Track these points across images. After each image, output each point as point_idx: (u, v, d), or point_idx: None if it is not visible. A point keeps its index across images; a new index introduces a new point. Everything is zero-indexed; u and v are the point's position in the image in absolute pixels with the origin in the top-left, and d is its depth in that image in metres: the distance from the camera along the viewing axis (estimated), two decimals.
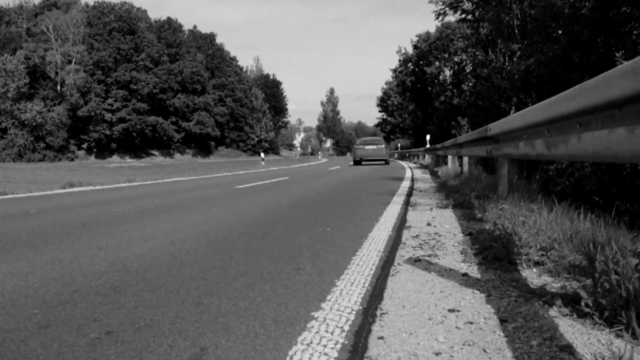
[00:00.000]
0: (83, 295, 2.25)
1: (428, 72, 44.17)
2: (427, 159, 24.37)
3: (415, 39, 47.62)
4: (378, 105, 74.19)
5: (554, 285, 2.27)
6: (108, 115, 64.43)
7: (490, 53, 24.72)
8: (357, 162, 23.80)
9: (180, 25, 76.36)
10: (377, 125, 79.79)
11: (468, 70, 35.51)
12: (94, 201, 7.54)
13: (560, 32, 15.08)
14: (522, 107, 14.53)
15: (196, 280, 2.48)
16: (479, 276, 2.49)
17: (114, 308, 2.05)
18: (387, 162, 23.88)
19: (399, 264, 2.82)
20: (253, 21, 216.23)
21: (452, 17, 29.91)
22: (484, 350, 1.58)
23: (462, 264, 2.78)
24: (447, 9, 27.38)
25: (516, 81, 19.23)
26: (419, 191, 8.11)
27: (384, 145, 24.17)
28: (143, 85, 65.44)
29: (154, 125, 67.00)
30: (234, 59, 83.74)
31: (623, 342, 1.61)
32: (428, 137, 26.98)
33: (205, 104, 71.64)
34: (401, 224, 4.33)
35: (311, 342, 1.63)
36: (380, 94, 74.49)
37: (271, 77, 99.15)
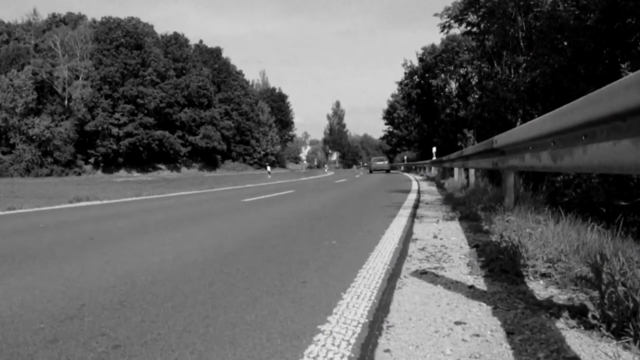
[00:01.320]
0: (90, 310, 2.26)
1: (434, 84, 44.38)
2: (434, 171, 24.45)
3: (420, 51, 47.99)
4: (384, 117, 74.60)
5: (560, 297, 2.27)
6: (115, 130, 65.07)
7: (495, 65, 24.82)
8: (370, 171, 38.15)
9: (186, 40, 77.38)
10: (383, 138, 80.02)
11: (474, 83, 35.66)
12: (101, 216, 7.59)
13: (565, 43, 15.14)
14: (528, 118, 14.54)
15: (203, 293, 2.49)
16: (485, 288, 2.49)
17: (121, 322, 2.06)
18: (387, 171, 37.30)
19: (405, 276, 2.82)
20: (259, 35, 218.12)
21: (457, 30, 30.16)
22: None
23: (469, 276, 2.78)
24: (452, 21, 27.61)
25: (522, 93, 19.28)
26: (425, 203, 8.10)
27: (386, 161, 39.68)
28: (150, 99, 66.20)
29: (161, 140, 67.67)
30: (240, 72, 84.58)
31: (631, 354, 1.60)
32: (434, 149, 26.97)
33: (212, 118, 72.26)
34: (407, 236, 4.33)
35: (318, 356, 1.63)
36: (386, 106, 75.03)
37: (277, 90, 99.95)
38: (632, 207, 5.40)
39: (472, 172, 10.35)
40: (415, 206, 7.48)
